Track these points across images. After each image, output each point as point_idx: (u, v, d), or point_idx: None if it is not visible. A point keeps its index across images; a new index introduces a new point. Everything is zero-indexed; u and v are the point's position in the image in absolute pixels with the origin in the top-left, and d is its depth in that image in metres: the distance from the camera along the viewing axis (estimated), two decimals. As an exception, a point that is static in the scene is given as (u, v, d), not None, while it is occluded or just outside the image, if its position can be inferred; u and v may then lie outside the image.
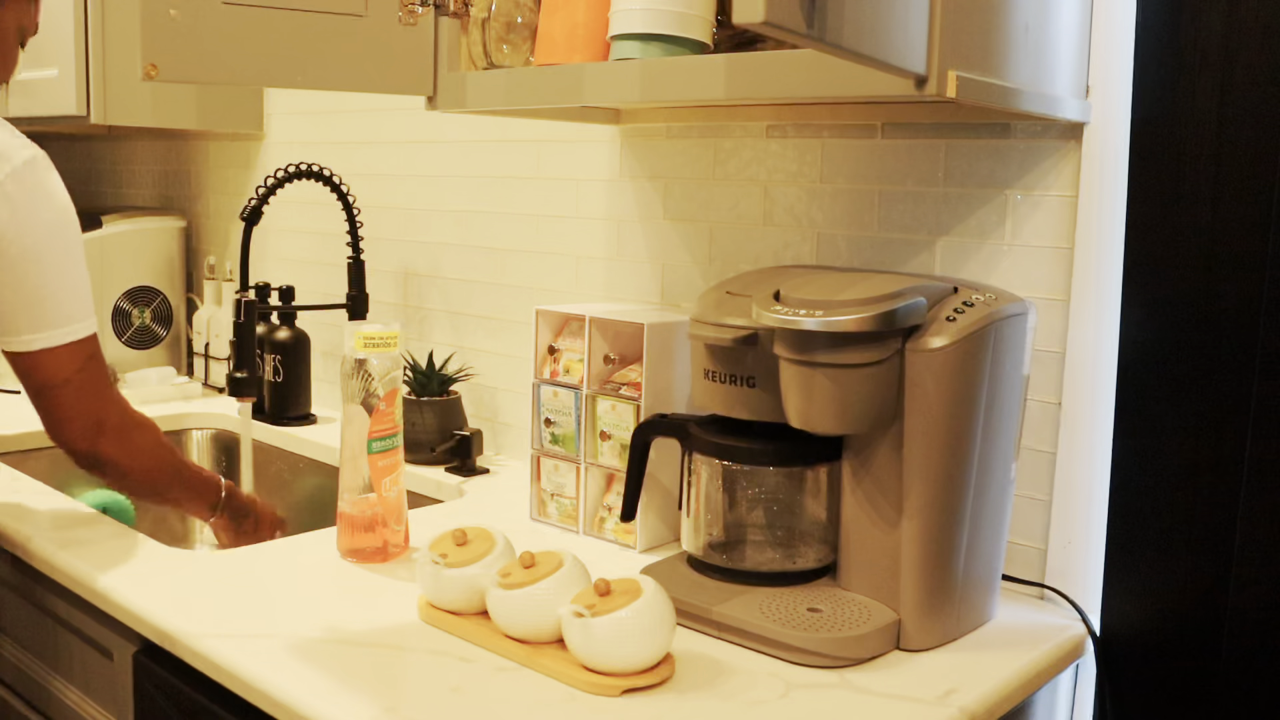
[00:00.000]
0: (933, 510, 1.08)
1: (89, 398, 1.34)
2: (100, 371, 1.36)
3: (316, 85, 1.25)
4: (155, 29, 1.11)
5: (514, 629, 1.06)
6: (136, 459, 1.39)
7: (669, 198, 1.56)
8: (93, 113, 2.04)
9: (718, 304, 1.18)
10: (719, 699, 0.99)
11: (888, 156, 1.33)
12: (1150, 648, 1.17)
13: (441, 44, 1.32)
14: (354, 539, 1.31)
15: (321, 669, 1.02)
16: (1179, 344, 1.12)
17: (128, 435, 1.38)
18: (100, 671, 1.30)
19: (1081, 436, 1.21)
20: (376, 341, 1.29)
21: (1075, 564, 1.22)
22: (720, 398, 1.18)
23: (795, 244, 1.42)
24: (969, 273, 1.27)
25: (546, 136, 1.71)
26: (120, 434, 1.37)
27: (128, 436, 1.38)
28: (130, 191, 2.69)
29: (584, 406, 1.41)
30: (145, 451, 1.40)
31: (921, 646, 1.10)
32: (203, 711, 1.10)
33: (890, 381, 1.06)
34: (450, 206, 1.88)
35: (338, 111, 2.08)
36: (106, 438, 1.35)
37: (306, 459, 1.93)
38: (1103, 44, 1.15)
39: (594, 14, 1.19)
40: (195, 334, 2.35)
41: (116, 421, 1.37)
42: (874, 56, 0.81)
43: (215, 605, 1.16)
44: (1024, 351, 1.14)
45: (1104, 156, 1.16)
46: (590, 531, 1.43)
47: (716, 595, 1.14)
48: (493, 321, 1.83)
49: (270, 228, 2.24)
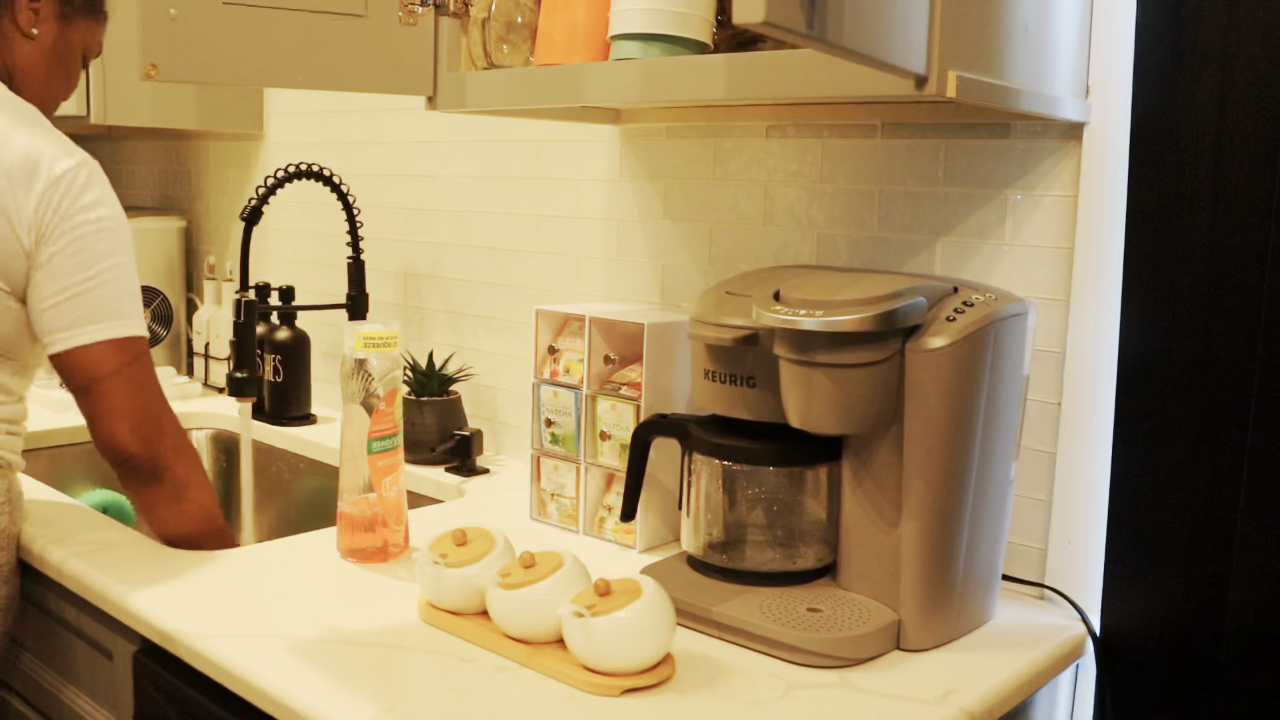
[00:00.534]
0: (933, 510, 1.08)
1: (141, 394, 1.27)
2: (152, 375, 1.29)
3: (316, 85, 1.25)
4: (155, 29, 1.11)
5: (514, 629, 1.06)
6: (194, 472, 1.32)
7: (669, 198, 1.56)
8: (93, 113, 2.04)
9: (718, 304, 1.18)
10: (719, 699, 0.99)
11: (887, 156, 1.33)
12: (1150, 648, 1.17)
13: (441, 44, 1.32)
14: (354, 539, 1.31)
15: (321, 669, 1.02)
16: (1179, 344, 1.12)
17: (186, 447, 1.31)
18: (100, 671, 1.30)
19: (1081, 436, 1.21)
20: (376, 341, 1.29)
21: (1075, 564, 1.22)
22: (720, 398, 1.18)
23: (795, 244, 1.42)
24: (969, 273, 1.28)
25: (546, 136, 1.71)
26: (179, 443, 1.30)
27: (186, 448, 1.31)
28: (130, 191, 2.70)
29: (584, 406, 1.41)
30: (199, 468, 1.33)
31: (921, 646, 1.10)
32: (203, 711, 1.10)
33: (890, 381, 1.06)
34: (450, 206, 1.88)
35: (338, 111, 2.08)
36: (166, 443, 1.28)
37: (306, 459, 1.93)
38: (1103, 44, 1.15)
39: (594, 14, 1.19)
40: (195, 334, 2.35)
41: (174, 427, 1.30)
42: (874, 56, 0.81)
43: (215, 605, 1.16)
44: (1024, 351, 1.14)
45: (1104, 156, 1.16)
46: (590, 531, 1.43)
47: (716, 595, 1.14)
48: (493, 321, 1.83)
49: (270, 228, 2.25)
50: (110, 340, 1.26)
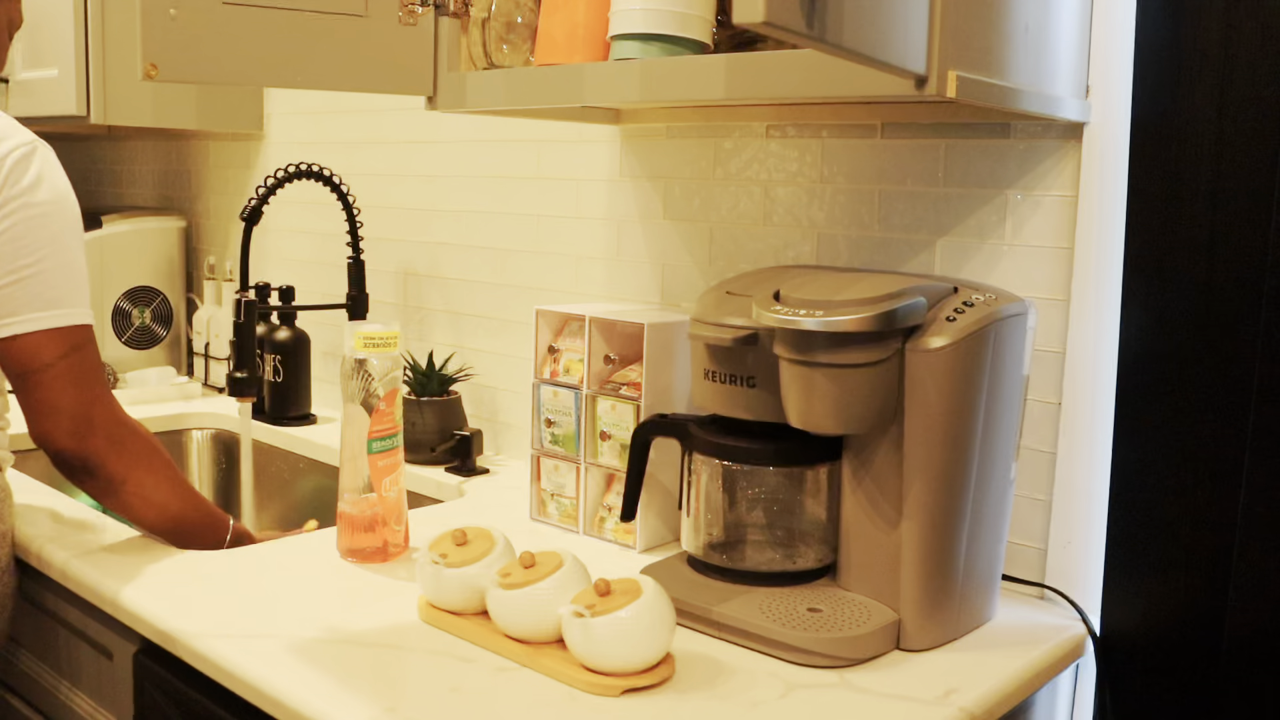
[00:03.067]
0: (933, 510, 1.08)
1: (75, 388, 1.23)
2: (91, 366, 1.25)
3: (316, 85, 1.25)
4: (155, 29, 1.11)
5: (514, 629, 1.06)
6: (133, 469, 1.27)
7: (669, 198, 1.56)
8: (93, 113, 2.04)
9: (718, 304, 1.18)
10: (719, 699, 0.99)
11: (888, 156, 1.33)
12: (1150, 648, 1.17)
13: (441, 44, 1.32)
14: (354, 539, 1.31)
15: (321, 669, 1.02)
16: (1179, 344, 1.12)
17: (122, 440, 1.27)
18: (100, 671, 1.30)
19: (1081, 436, 1.21)
20: (376, 341, 1.29)
21: (1075, 564, 1.22)
22: (720, 398, 1.18)
23: (795, 244, 1.42)
24: (969, 273, 1.27)
25: (546, 136, 1.71)
26: (114, 436, 1.26)
27: (122, 442, 1.27)
28: (130, 191, 2.70)
29: (584, 406, 1.41)
30: (143, 460, 1.28)
31: (921, 646, 1.10)
32: (203, 711, 1.10)
33: (890, 381, 1.06)
34: (450, 206, 1.88)
35: (338, 111, 2.08)
36: (97, 437, 1.24)
37: (306, 459, 1.93)
38: (1103, 44, 1.15)
39: (594, 14, 1.19)
40: (195, 334, 2.35)
41: (108, 420, 1.26)
42: (874, 56, 0.81)
43: (215, 605, 1.16)
44: (1024, 351, 1.14)
45: (1104, 156, 1.16)
46: (590, 531, 1.43)
47: (716, 595, 1.14)
48: (493, 321, 1.83)
49: (270, 228, 2.25)
50: (48, 330, 1.22)
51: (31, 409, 1.23)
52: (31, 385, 1.23)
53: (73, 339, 1.24)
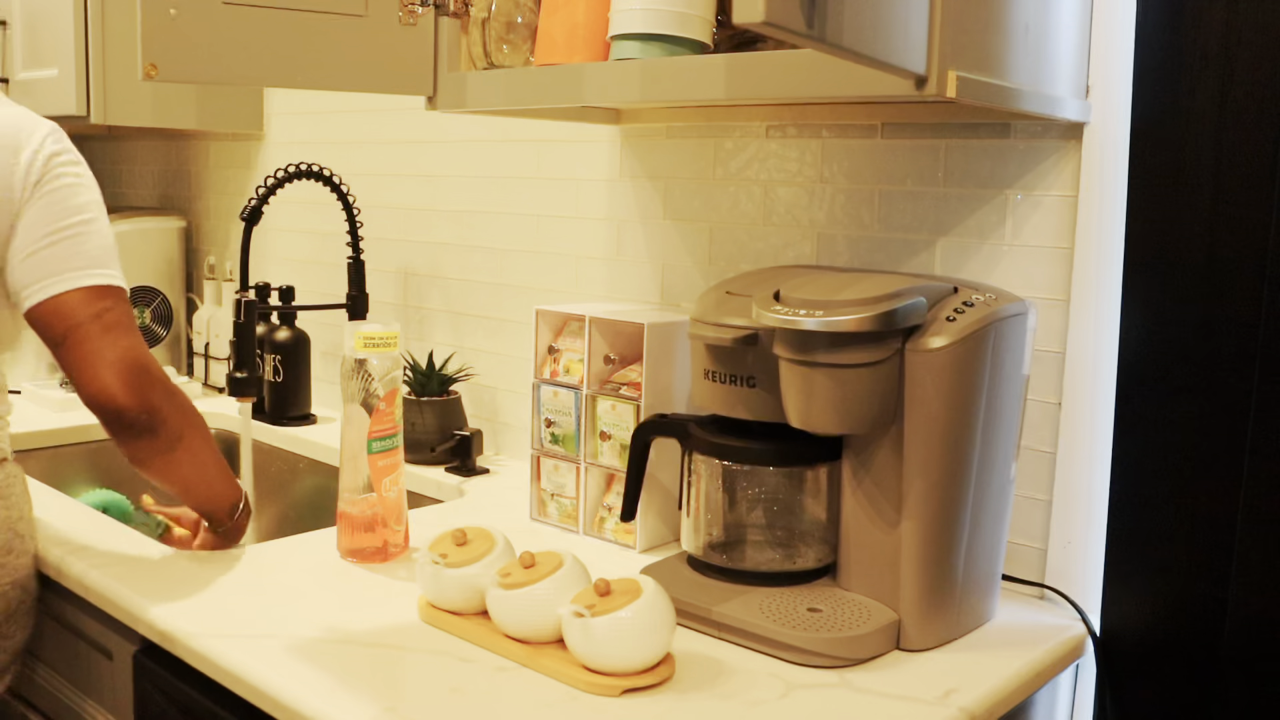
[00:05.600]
0: (933, 510, 1.08)
1: (123, 335, 1.20)
2: (132, 319, 1.22)
3: (316, 85, 1.25)
4: (155, 29, 1.11)
5: (514, 629, 1.06)
6: (188, 426, 1.23)
7: (669, 198, 1.56)
8: (93, 113, 2.04)
9: (718, 304, 1.18)
10: (719, 699, 0.99)
11: (888, 156, 1.33)
12: (1150, 648, 1.17)
13: (441, 44, 1.32)
14: (354, 539, 1.31)
15: (321, 669, 1.02)
16: (1179, 344, 1.12)
17: (174, 392, 1.22)
18: (100, 671, 1.30)
19: (1081, 436, 1.21)
20: (376, 341, 1.29)
21: (1075, 564, 1.22)
22: (720, 398, 1.18)
23: (795, 244, 1.42)
24: (969, 273, 1.27)
25: (546, 136, 1.71)
26: (169, 388, 1.21)
27: (175, 394, 1.22)
28: (130, 191, 2.70)
29: (584, 406, 1.41)
30: (192, 414, 1.24)
31: (921, 646, 1.10)
32: (203, 711, 1.10)
33: (890, 381, 1.06)
34: (450, 206, 1.88)
35: (338, 111, 2.08)
36: (156, 390, 1.19)
37: (306, 459, 1.93)
38: (1103, 44, 1.15)
39: (594, 14, 1.19)
40: (195, 334, 2.35)
41: (159, 370, 1.21)
42: (874, 56, 0.81)
43: (215, 605, 1.16)
44: (1024, 351, 1.14)
45: (1104, 156, 1.16)
46: (590, 531, 1.43)
47: (716, 595, 1.14)
48: (493, 321, 1.83)
49: (270, 228, 2.25)
50: (87, 288, 1.20)
51: (78, 367, 1.18)
52: (77, 340, 1.18)
53: (111, 296, 1.22)
